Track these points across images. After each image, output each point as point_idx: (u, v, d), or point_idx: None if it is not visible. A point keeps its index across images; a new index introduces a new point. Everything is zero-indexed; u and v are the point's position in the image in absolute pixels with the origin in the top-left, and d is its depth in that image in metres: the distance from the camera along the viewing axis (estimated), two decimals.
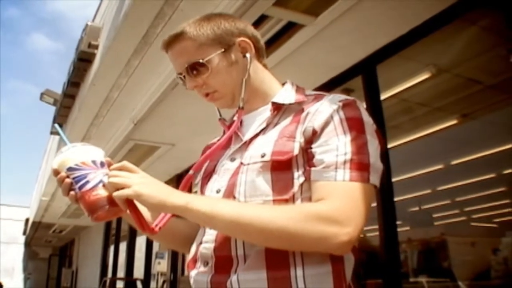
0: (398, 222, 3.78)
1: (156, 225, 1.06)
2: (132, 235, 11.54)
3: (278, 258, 0.96)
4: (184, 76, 1.17)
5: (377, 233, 3.70)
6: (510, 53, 3.39)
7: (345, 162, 0.95)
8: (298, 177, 1.00)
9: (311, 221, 0.90)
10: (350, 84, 4.33)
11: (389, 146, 3.88)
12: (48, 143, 13.03)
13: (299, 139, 1.02)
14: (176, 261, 8.27)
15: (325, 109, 1.03)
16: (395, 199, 3.71)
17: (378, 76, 3.94)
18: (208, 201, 1.00)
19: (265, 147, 1.05)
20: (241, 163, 1.08)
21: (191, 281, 1.09)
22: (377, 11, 3.42)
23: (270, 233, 0.91)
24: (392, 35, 3.67)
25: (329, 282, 0.95)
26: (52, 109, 8.78)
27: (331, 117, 1.01)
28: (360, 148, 0.97)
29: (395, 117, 4.81)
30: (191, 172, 1.14)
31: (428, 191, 6.74)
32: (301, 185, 1.00)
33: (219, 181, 1.11)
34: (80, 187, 0.98)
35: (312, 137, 1.01)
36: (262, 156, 1.03)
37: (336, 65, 4.19)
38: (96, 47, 5.55)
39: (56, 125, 1.14)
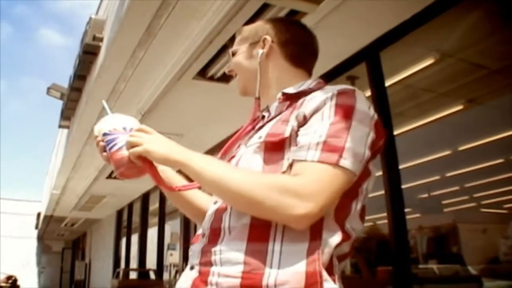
0: (407, 209, 3.78)
1: (177, 186, 1.23)
2: (144, 227, 11.61)
3: (260, 231, 1.00)
4: None
5: (386, 220, 3.71)
6: None
7: (317, 143, 0.99)
8: (288, 158, 1.04)
9: (274, 190, 0.96)
10: (355, 71, 4.33)
11: (395, 133, 3.88)
12: (57, 136, 13.11)
13: (292, 123, 1.06)
14: (188, 252, 8.32)
15: (319, 96, 1.07)
16: (403, 186, 3.72)
17: (382, 62, 3.94)
18: (204, 160, 1.07)
19: (264, 130, 1.12)
20: (245, 146, 1.17)
21: (190, 253, 1.17)
22: None
23: (239, 195, 0.99)
24: (395, 21, 3.66)
25: (302, 259, 0.96)
26: (61, 103, 8.83)
27: (324, 103, 1.04)
28: (338, 132, 0.99)
29: (401, 103, 4.79)
30: (218, 156, 1.25)
31: (437, 177, 6.72)
32: (290, 165, 1.03)
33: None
34: (110, 149, 1.18)
35: (303, 121, 1.05)
36: (259, 138, 1.11)
37: (339, 53, 4.18)
38: (101, 39, 5.57)
39: (104, 101, 1.36)
